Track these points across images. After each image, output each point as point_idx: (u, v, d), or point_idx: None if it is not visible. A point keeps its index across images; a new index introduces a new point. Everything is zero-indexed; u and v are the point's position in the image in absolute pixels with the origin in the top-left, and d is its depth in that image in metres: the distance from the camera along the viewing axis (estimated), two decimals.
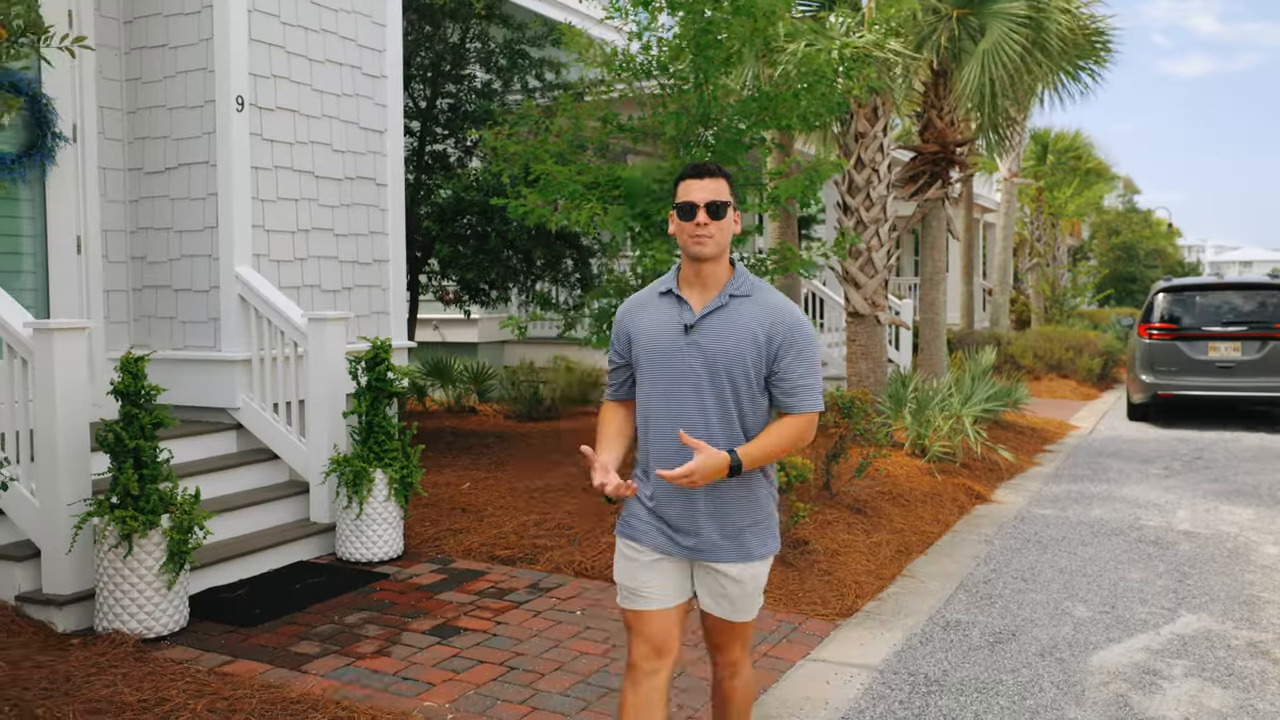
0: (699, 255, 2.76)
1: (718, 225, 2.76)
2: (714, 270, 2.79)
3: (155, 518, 4.47)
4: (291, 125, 6.81)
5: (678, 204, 2.79)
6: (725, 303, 2.77)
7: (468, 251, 9.05)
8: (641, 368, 2.85)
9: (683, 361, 2.76)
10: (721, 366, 2.74)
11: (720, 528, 2.79)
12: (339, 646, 4.47)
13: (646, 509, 2.85)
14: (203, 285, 6.52)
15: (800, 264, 6.95)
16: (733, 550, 2.81)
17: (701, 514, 2.79)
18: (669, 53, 6.78)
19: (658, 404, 2.80)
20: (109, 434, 4.52)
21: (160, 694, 3.75)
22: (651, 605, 2.83)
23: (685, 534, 2.81)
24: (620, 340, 2.93)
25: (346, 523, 5.79)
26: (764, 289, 2.84)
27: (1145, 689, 4.22)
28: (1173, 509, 7.70)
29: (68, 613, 4.60)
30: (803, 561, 5.73)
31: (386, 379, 5.90)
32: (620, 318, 2.95)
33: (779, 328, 2.76)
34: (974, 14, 10.22)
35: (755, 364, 2.75)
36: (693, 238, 2.75)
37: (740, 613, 2.89)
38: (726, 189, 2.80)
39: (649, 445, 2.84)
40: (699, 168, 2.81)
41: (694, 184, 2.78)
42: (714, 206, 2.75)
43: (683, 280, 2.85)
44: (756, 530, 2.83)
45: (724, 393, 2.75)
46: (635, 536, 2.87)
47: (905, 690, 4.18)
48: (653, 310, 2.86)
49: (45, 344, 4.64)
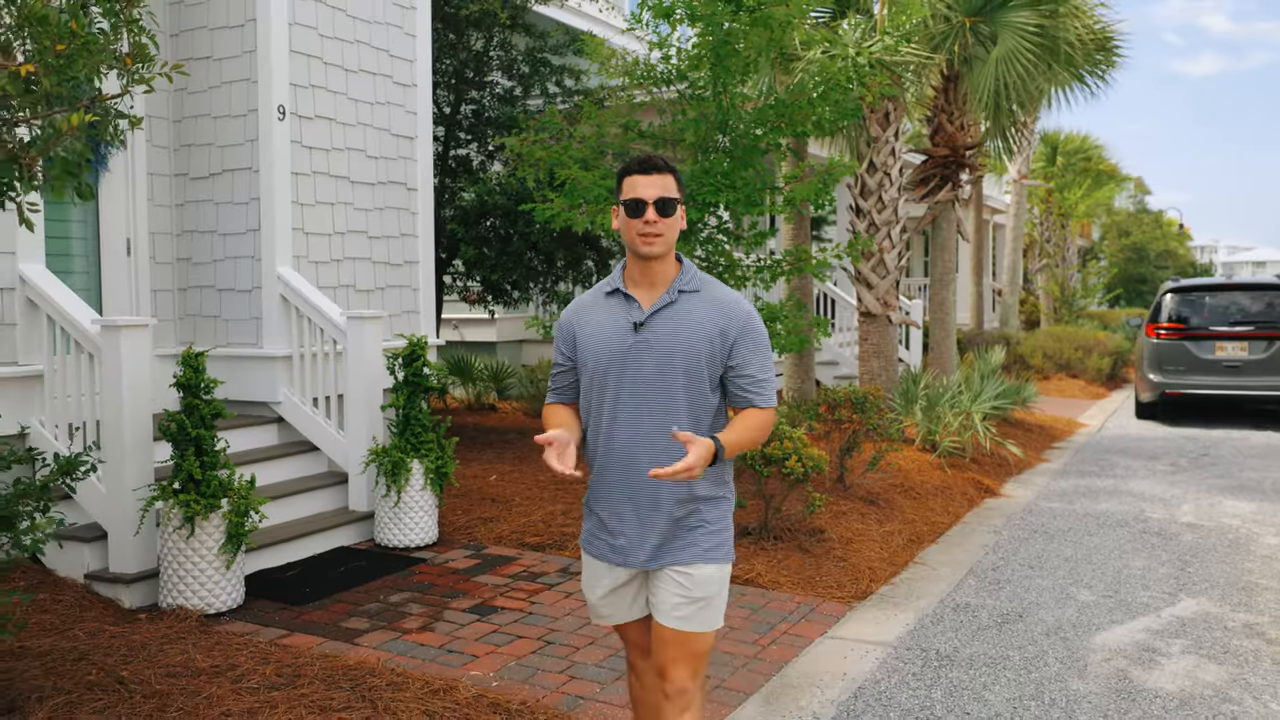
0: (648, 254, 2.66)
1: (666, 223, 2.65)
2: (661, 268, 2.71)
3: (216, 501, 4.78)
4: (328, 132, 7.12)
5: (624, 200, 2.67)
6: (674, 299, 2.69)
7: (491, 253, 9.35)
8: (590, 370, 2.74)
9: (634, 360, 2.67)
10: (677, 364, 2.66)
11: (674, 529, 2.70)
12: (386, 623, 4.77)
13: (599, 520, 2.78)
14: (245, 285, 6.83)
15: (815, 266, 7.22)
16: (686, 551, 2.70)
17: (653, 517, 2.69)
18: (688, 62, 7.07)
19: (610, 404, 2.70)
20: (172, 423, 4.83)
21: (229, 660, 4.06)
22: (613, 621, 2.85)
23: (635, 545, 2.71)
24: (566, 343, 2.83)
25: (385, 510, 6.10)
26: (712, 284, 2.76)
27: (1144, 665, 4.49)
28: (1177, 503, 7.96)
29: (134, 590, 4.92)
30: (819, 548, 6.01)
31: (423, 374, 6.20)
32: (565, 320, 2.84)
33: (733, 322, 2.69)
34: (984, 22, 10.49)
35: (710, 360, 2.68)
36: (640, 236, 2.65)
37: (696, 621, 2.70)
38: (674, 184, 2.69)
39: (607, 445, 2.72)
40: (645, 162, 2.68)
41: (641, 179, 2.66)
42: (663, 203, 2.64)
43: (629, 279, 2.76)
44: (710, 532, 2.72)
45: (675, 390, 2.66)
46: (592, 552, 2.82)
47: (918, 664, 4.46)
48: (600, 311, 2.76)
49: (113, 340, 4.95)
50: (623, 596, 2.81)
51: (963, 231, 11.94)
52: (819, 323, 7.21)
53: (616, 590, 2.80)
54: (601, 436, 2.73)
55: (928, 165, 11.57)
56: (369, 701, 3.70)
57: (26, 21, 2.14)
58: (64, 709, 3.55)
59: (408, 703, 3.72)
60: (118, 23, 2.35)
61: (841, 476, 7.31)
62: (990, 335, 17.64)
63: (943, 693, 4.14)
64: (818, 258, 7.33)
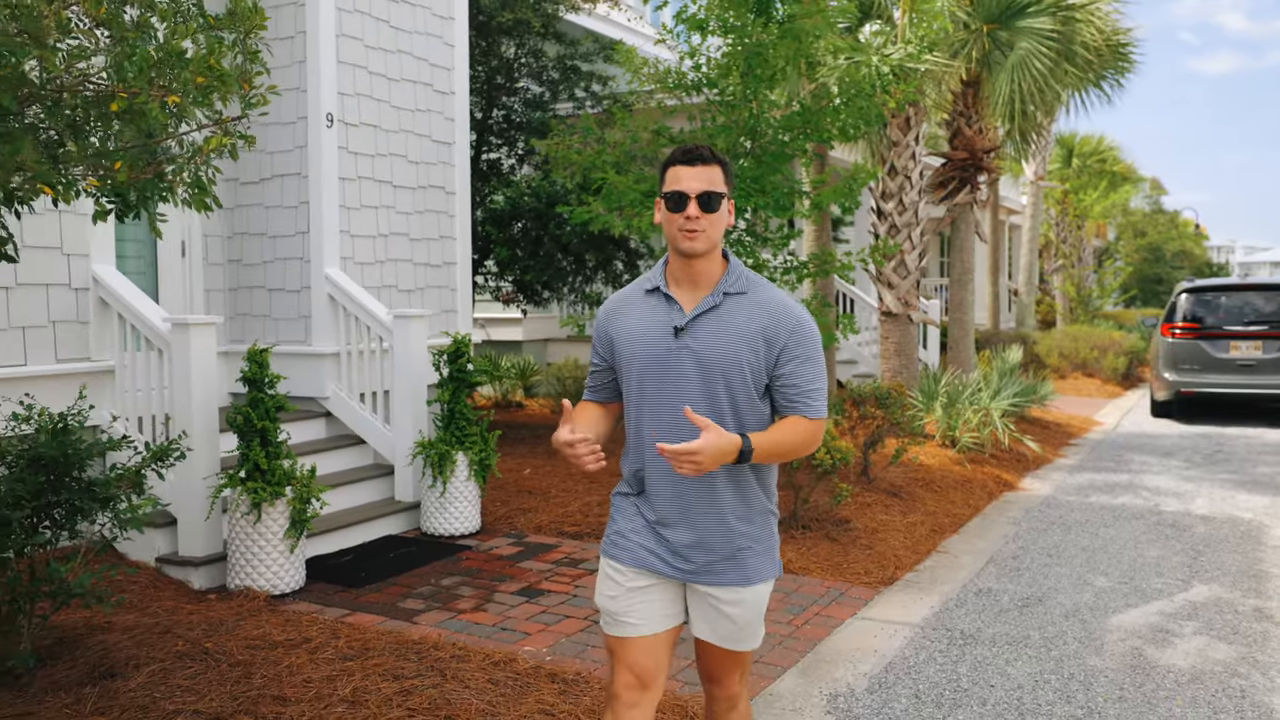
0: (689, 251, 2.46)
1: (710, 219, 2.44)
2: (706, 266, 2.51)
3: (280, 489, 5.09)
4: (373, 139, 7.44)
5: (666, 193, 2.48)
6: (719, 302, 2.50)
7: (523, 254, 9.66)
8: (628, 374, 2.57)
9: (674, 367, 2.50)
10: (718, 372, 2.47)
11: (719, 548, 2.53)
12: (440, 604, 5.07)
13: (636, 525, 2.59)
14: (294, 286, 7.15)
15: (840, 268, 7.50)
16: (733, 572, 2.54)
17: (698, 532, 2.53)
18: (718, 70, 7.35)
19: (649, 413, 2.53)
20: (239, 416, 5.13)
21: (302, 635, 4.36)
22: (637, 631, 2.56)
23: (679, 554, 2.55)
24: (602, 343, 2.65)
25: (431, 500, 6.40)
26: (761, 285, 2.56)
27: (1158, 644, 4.75)
28: (1191, 497, 8.19)
29: (202, 572, 5.23)
30: (846, 537, 6.29)
31: (467, 371, 6.51)
32: (602, 318, 2.66)
33: (781, 328, 2.49)
34: (1003, 29, 10.75)
35: (754, 368, 2.48)
36: (682, 231, 2.45)
37: (741, 641, 2.61)
38: (721, 177, 2.48)
39: (642, 456, 2.57)
40: (691, 152, 2.49)
41: (685, 171, 2.46)
42: (707, 198, 2.44)
43: (671, 277, 2.56)
44: (757, 552, 2.57)
45: (720, 400, 2.48)
46: (621, 557, 2.60)
47: (944, 642, 4.73)
48: (639, 310, 2.58)
49: (183, 337, 5.27)
50: (652, 603, 2.58)
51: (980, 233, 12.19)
52: (846, 321, 7.48)
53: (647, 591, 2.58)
54: (646, 446, 2.55)
55: (946, 168, 11.83)
56: (437, 671, 4.00)
57: (171, 58, 2.44)
58: (159, 674, 3.85)
59: (472, 671, 4.01)
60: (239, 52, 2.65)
61: (866, 470, 7.59)
62: (1006, 335, 17.86)
63: (968, 667, 4.41)
64: (843, 260, 7.59)
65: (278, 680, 3.85)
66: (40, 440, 3.91)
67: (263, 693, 3.73)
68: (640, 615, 2.56)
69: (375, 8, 7.42)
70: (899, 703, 4.03)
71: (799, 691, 4.12)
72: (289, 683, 3.83)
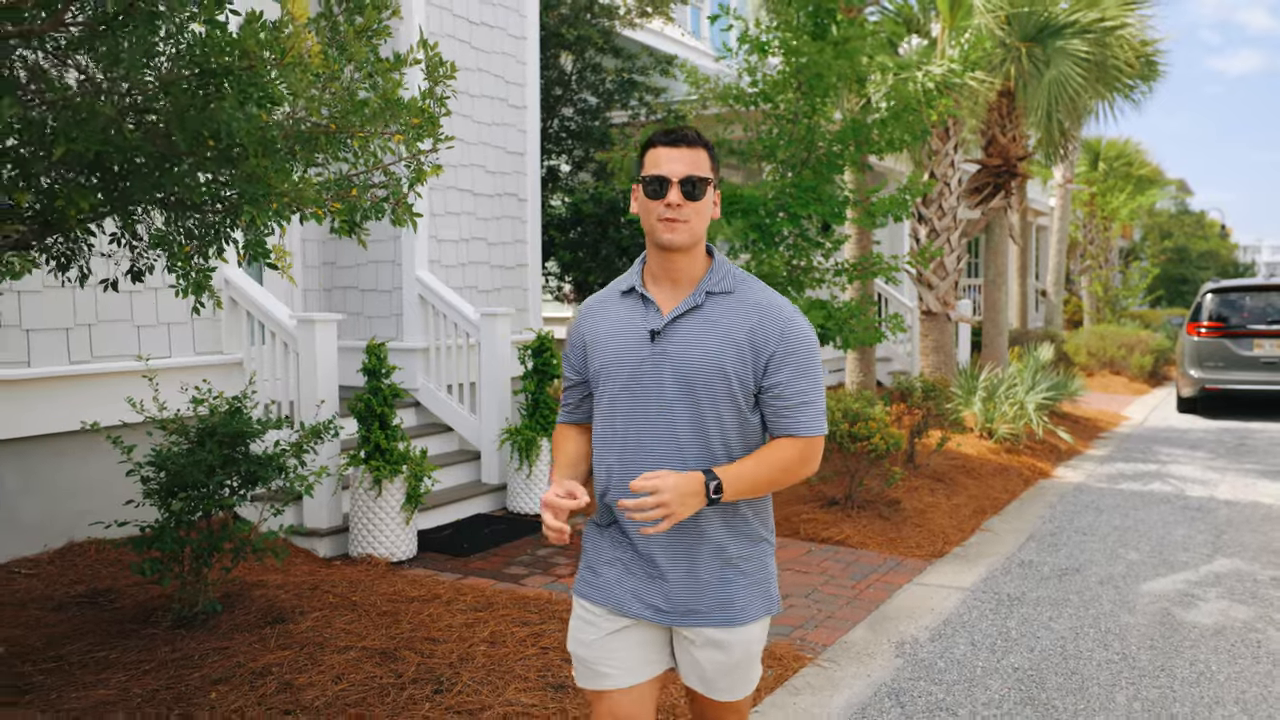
0: (669, 244, 2.20)
1: (694, 207, 2.18)
2: (686, 263, 2.24)
3: (398, 468, 5.74)
4: (458, 151, 8.09)
5: (645, 176, 2.21)
6: (700, 302, 2.23)
7: (585, 256, 10.30)
8: (601, 384, 2.29)
9: (650, 377, 2.22)
10: (698, 382, 2.20)
11: (703, 585, 2.25)
12: (541, 570, 5.71)
13: (610, 559, 2.30)
14: (387, 286, 7.81)
15: (888, 269, 8.08)
16: (718, 613, 2.26)
17: (680, 568, 2.25)
18: (775, 87, 7.95)
19: (621, 428, 2.26)
20: (360, 403, 5.78)
21: (432, 592, 5.01)
22: (614, 684, 2.28)
23: (659, 594, 2.26)
24: (576, 351, 2.39)
25: (518, 481, 7.04)
26: (750, 284, 2.28)
27: (1184, 606, 5.33)
28: (1215, 484, 8.73)
29: (326, 541, 5.89)
30: (897, 516, 6.88)
31: (550, 364, 7.14)
32: (577, 323, 2.39)
33: (770, 331, 2.21)
34: (1039, 46, 11.31)
35: (740, 376, 2.20)
36: (661, 221, 2.18)
37: (732, 690, 2.33)
38: (707, 162, 2.22)
39: (622, 480, 2.25)
40: (672, 133, 2.22)
41: (665, 153, 2.19)
42: (691, 183, 2.17)
43: (649, 275, 2.30)
44: (745, 587, 2.28)
45: (701, 414, 2.21)
46: (593, 597, 2.31)
47: (993, 603, 5.33)
48: (614, 313, 2.31)
49: (308, 332, 5.92)
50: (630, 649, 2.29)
51: (1014, 235, 12.73)
52: (894, 321, 8.05)
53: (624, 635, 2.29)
54: (615, 470, 2.26)
55: (981, 174, 12.38)
56: (557, 618, 4.63)
57: (391, 105, 3.07)
58: (322, 620, 4.50)
59: None
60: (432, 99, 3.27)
61: (912, 456, 8.17)
62: (1035, 334, 18.35)
63: (1016, 622, 5.00)
64: (890, 263, 8.17)
65: (424, 625, 4.49)
66: (217, 419, 4.57)
67: (414, 634, 4.37)
68: (617, 664, 2.28)
69: (460, 31, 8.08)
70: (958, 649, 4.63)
71: (869, 639, 4.72)
72: (434, 627, 4.47)
